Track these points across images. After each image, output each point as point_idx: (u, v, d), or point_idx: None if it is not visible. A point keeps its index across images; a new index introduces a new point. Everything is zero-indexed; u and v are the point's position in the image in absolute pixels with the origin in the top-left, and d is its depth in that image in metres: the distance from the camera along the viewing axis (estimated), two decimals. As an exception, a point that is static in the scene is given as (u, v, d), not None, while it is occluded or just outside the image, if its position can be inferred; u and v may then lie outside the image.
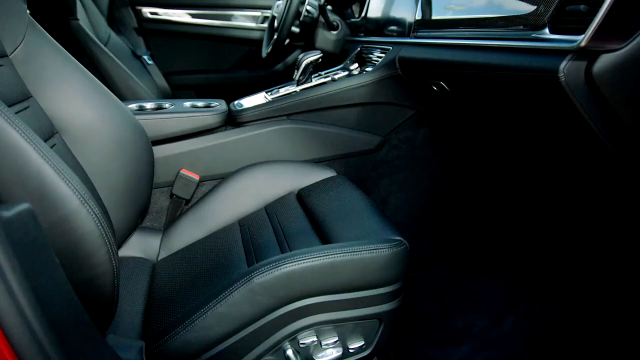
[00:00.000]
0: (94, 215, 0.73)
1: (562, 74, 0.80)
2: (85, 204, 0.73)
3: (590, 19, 0.77)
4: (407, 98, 1.45)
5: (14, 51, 0.98)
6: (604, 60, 0.79)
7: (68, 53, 1.08)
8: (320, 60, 1.48)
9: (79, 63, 1.09)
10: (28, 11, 1.06)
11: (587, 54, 0.79)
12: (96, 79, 1.11)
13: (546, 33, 0.87)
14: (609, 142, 0.89)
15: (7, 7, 0.99)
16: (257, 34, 2.46)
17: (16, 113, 0.87)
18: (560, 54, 0.81)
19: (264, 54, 1.88)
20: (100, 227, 0.73)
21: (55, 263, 0.61)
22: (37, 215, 0.59)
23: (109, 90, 1.15)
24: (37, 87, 1.01)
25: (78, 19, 1.66)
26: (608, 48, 0.78)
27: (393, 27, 1.53)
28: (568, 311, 1.35)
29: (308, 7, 1.84)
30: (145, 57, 2.18)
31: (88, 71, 1.11)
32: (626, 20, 0.75)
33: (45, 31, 1.06)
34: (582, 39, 0.77)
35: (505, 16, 0.99)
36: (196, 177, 1.35)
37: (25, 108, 0.95)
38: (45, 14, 1.35)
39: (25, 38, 1.00)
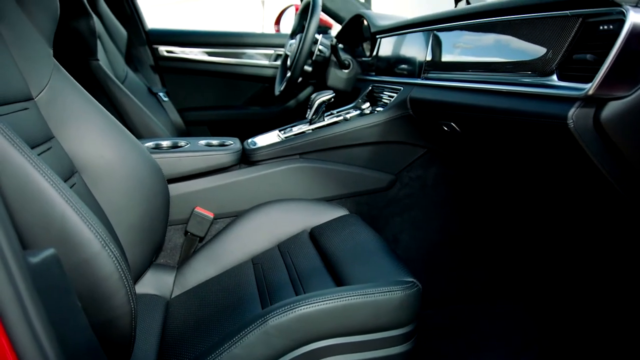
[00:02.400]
0: (114, 258, 0.75)
1: (571, 120, 0.82)
2: (106, 247, 0.75)
3: (597, 68, 0.79)
4: (418, 137, 1.47)
5: (39, 94, 1.01)
6: (612, 107, 0.81)
7: (89, 94, 1.11)
8: (332, 99, 1.52)
9: (99, 104, 1.12)
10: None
11: (594, 102, 0.81)
12: (115, 119, 1.14)
13: (554, 80, 0.89)
14: (618, 185, 0.90)
15: (34, 52, 1.02)
16: (269, 72, 2.51)
17: (39, 154, 0.90)
18: (569, 101, 0.84)
19: (276, 92, 1.92)
20: (119, 269, 0.75)
21: (77, 307, 0.63)
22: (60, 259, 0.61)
23: (127, 130, 1.18)
24: (59, 128, 1.03)
25: (98, 59, 1.72)
26: (615, 96, 0.80)
27: (404, 67, 1.56)
28: (582, 351, 1.34)
29: (320, 47, 1.89)
30: (160, 94, 2.24)
31: (107, 111, 1.13)
32: (632, 69, 0.77)
33: (68, 74, 1.10)
34: (589, 87, 0.79)
35: (514, 61, 1.02)
36: (210, 215, 1.37)
37: (48, 149, 0.97)
38: (67, 55, 1.40)
39: (50, 81, 1.04)
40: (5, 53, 0.94)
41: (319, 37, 1.89)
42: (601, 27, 0.81)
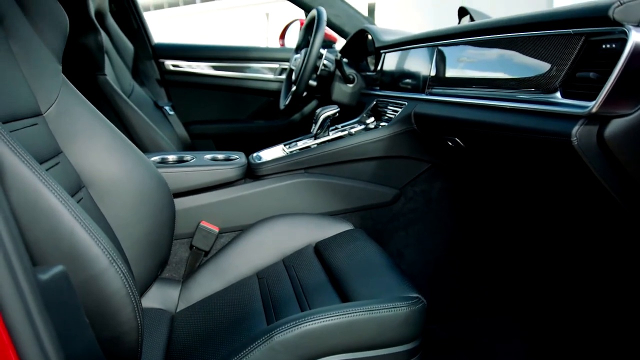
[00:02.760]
0: (121, 275, 0.76)
1: (575, 138, 0.83)
2: (114, 263, 0.76)
3: (600, 86, 0.80)
4: (423, 152, 1.48)
5: (48, 109, 1.02)
6: (615, 125, 0.81)
7: (96, 109, 1.12)
8: (337, 114, 1.53)
9: (106, 119, 1.13)
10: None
11: (598, 119, 0.82)
12: (122, 134, 1.15)
13: (558, 97, 0.90)
14: (621, 201, 0.90)
15: (44, 68, 1.04)
16: (274, 85, 2.53)
17: (48, 169, 0.91)
18: (572, 118, 0.84)
19: (281, 106, 1.94)
20: (127, 285, 0.76)
21: (85, 323, 0.64)
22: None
23: (133, 145, 1.19)
24: (67, 143, 1.04)
25: (105, 74, 1.74)
26: (618, 113, 0.81)
27: (408, 82, 1.57)
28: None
29: (325, 61, 1.91)
30: (166, 107, 2.26)
31: (114, 126, 1.15)
32: (635, 87, 0.78)
33: (76, 89, 1.11)
34: (593, 105, 0.80)
35: (518, 78, 1.03)
36: (216, 229, 1.38)
37: (57, 164, 0.99)
38: (75, 70, 1.41)
39: (58, 97, 1.05)
40: (16, 69, 0.96)
41: (324, 51, 1.90)
42: (604, 46, 0.82)
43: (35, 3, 1.03)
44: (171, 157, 1.46)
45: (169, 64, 2.50)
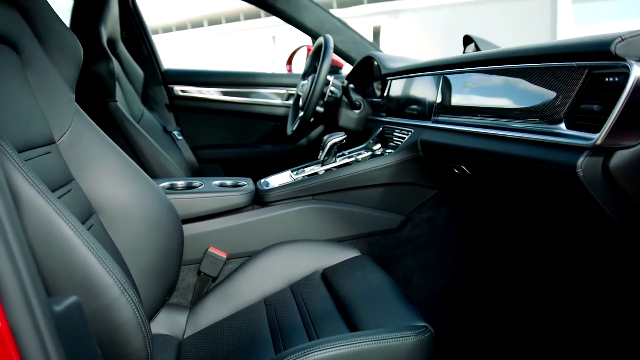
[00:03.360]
0: (132, 304, 0.77)
1: (580, 169, 0.84)
2: (125, 293, 0.77)
3: (605, 118, 0.81)
4: (429, 179, 1.49)
5: (61, 138, 1.04)
6: (620, 157, 0.83)
7: (107, 137, 1.14)
8: (344, 141, 1.55)
9: (117, 146, 1.15)
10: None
11: (603, 151, 0.83)
12: (132, 161, 1.17)
13: (563, 128, 0.92)
14: (628, 230, 0.91)
15: (58, 97, 1.06)
16: (282, 111, 2.57)
17: (60, 197, 0.93)
18: (578, 150, 0.85)
19: (289, 132, 1.96)
20: (138, 315, 0.77)
21: (97, 354, 0.65)
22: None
23: (143, 172, 1.20)
24: (79, 170, 1.06)
25: (117, 101, 1.77)
26: (623, 145, 0.82)
27: (414, 109, 1.59)
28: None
29: (332, 88, 1.94)
30: (175, 132, 2.29)
31: (125, 153, 1.16)
32: (638, 119, 0.79)
33: (88, 117, 1.13)
34: (598, 138, 0.81)
35: (523, 108, 1.04)
36: (224, 256, 1.38)
37: (69, 191, 1.00)
38: (87, 97, 1.44)
39: (72, 125, 1.06)
40: (32, 100, 0.98)
41: (331, 78, 1.93)
42: (607, 79, 0.84)
43: (52, 35, 1.06)
44: (180, 184, 1.48)
45: (178, 89, 2.54)
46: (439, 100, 1.41)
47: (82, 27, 1.81)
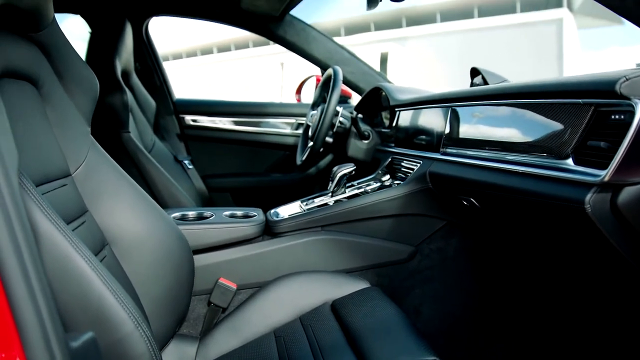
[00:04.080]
0: (145, 338, 0.78)
1: (588, 205, 0.85)
2: (139, 327, 0.78)
3: (612, 155, 0.82)
4: (438, 210, 1.50)
5: (76, 170, 1.06)
6: (628, 192, 0.83)
7: (121, 168, 1.15)
8: (353, 172, 1.56)
9: (130, 177, 1.16)
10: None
11: (611, 187, 0.84)
12: (144, 192, 1.18)
13: (570, 164, 0.93)
14: (637, 265, 0.91)
15: (74, 130, 1.08)
16: (291, 140, 2.60)
17: (74, 229, 0.94)
18: (585, 186, 0.86)
19: (298, 162, 1.98)
20: (150, 349, 0.78)
21: (111, 389, 0.65)
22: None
23: (155, 203, 1.21)
24: (92, 202, 1.07)
25: (129, 132, 1.80)
26: (630, 181, 0.83)
27: (422, 140, 1.61)
28: None
29: (341, 119, 1.97)
30: (186, 161, 2.31)
31: (137, 184, 1.18)
32: (645, 156, 0.81)
33: (102, 149, 1.15)
34: (605, 174, 0.82)
35: (531, 143, 1.05)
36: (234, 286, 1.39)
37: (83, 223, 1.02)
38: (100, 127, 1.47)
39: (86, 157, 1.08)
40: (49, 133, 1.01)
41: (340, 109, 1.96)
42: (613, 117, 0.85)
43: (70, 70, 1.09)
44: (191, 214, 1.50)
45: (189, 119, 2.58)
46: (447, 131, 1.42)
47: (97, 59, 1.86)
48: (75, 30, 2.21)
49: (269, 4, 2.11)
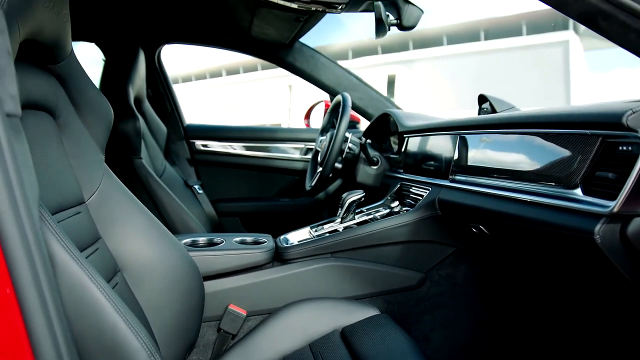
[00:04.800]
0: (158, 368, 0.78)
1: (598, 235, 0.85)
2: (152, 357, 0.78)
3: (620, 186, 0.83)
4: (447, 236, 1.50)
5: (90, 197, 1.07)
6: (637, 223, 0.84)
7: (133, 195, 1.17)
8: (362, 199, 1.58)
9: (142, 204, 1.18)
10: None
11: (620, 218, 0.85)
12: (155, 218, 1.19)
13: (579, 194, 0.93)
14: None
15: (89, 159, 1.10)
16: (300, 165, 2.62)
17: (88, 256, 0.96)
18: (594, 216, 0.87)
19: (307, 187, 1.99)
20: (163, 379, 0.78)
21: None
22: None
23: (167, 229, 1.23)
24: (105, 229, 1.09)
25: (141, 158, 1.83)
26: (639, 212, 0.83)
27: (431, 166, 1.62)
28: None
29: (350, 145, 1.98)
30: (196, 186, 2.34)
31: (149, 210, 1.19)
32: (654, 187, 0.81)
33: (115, 176, 1.16)
34: (614, 205, 0.83)
35: (540, 172, 1.06)
36: (243, 313, 1.39)
37: (96, 250, 1.03)
38: (112, 153, 1.49)
39: (100, 185, 1.10)
40: (65, 162, 1.03)
41: (349, 135, 1.98)
42: (620, 148, 0.86)
43: (86, 100, 1.12)
44: (201, 240, 1.51)
45: (199, 144, 2.61)
46: (456, 158, 1.43)
47: (111, 87, 1.90)
48: (88, 54, 2.26)
49: (279, 32, 2.15)
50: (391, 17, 1.65)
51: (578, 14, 0.75)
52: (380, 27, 1.64)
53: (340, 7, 1.69)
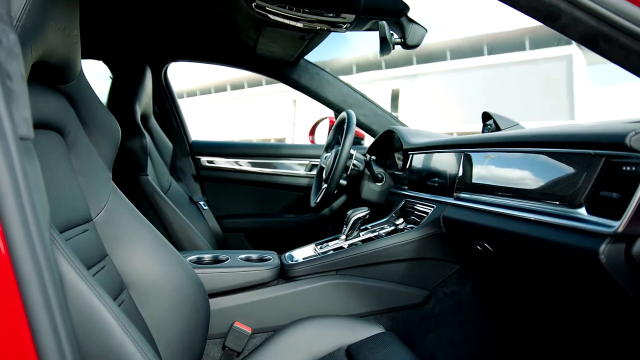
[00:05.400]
0: (164, 387, 0.79)
1: (603, 255, 0.85)
2: (158, 376, 0.79)
3: (625, 206, 0.83)
4: (452, 254, 1.50)
5: (97, 215, 1.08)
6: (642, 243, 0.84)
7: (140, 213, 1.18)
8: (367, 216, 1.58)
9: (148, 222, 1.19)
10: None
11: (625, 237, 0.85)
12: (162, 235, 1.20)
13: (583, 213, 0.93)
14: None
15: (96, 177, 1.11)
16: (305, 181, 2.63)
17: (94, 274, 0.96)
18: (599, 236, 0.87)
19: (312, 204, 2.00)
20: (169, 398, 0.79)
21: None
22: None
23: (173, 247, 1.23)
24: (112, 247, 1.10)
25: (147, 175, 1.84)
26: (644, 232, 0.83)
27: (436, 183, 1.62)
28: None
29: (355, 162, 1.99)
30: (201, 202, 2.35)
31: (154, 227, 1.20)
32: (658, 207, 0.81)
33: (122, 194, 1.17)
34: (618, 225, 0.83)
35: (544, 190, 1.07)
36: (248, 330, 1.39)
37: (102, 267, 1.04)
38: (119, 170, 1.51)
39: (107, 203, 1.11)
40: (73, 181, 1.04)
41: (354, 152, 1.99)
42: (624, 168, 0.86)
43: (95, 119, 1.13)
44: (207, 257, 1.52)
45: (205, 160, 2.63)
46: (460, 175, 1.44)
47: (118, 104, 1.92)
48: (94, 69, 2.29)
49: (284, 50, 2.18)
50: (395, 36, 1.68)
51: (580, 37, 0.76)
52: (385, 45, 1.66)
53: (345, 27, 1.71)
